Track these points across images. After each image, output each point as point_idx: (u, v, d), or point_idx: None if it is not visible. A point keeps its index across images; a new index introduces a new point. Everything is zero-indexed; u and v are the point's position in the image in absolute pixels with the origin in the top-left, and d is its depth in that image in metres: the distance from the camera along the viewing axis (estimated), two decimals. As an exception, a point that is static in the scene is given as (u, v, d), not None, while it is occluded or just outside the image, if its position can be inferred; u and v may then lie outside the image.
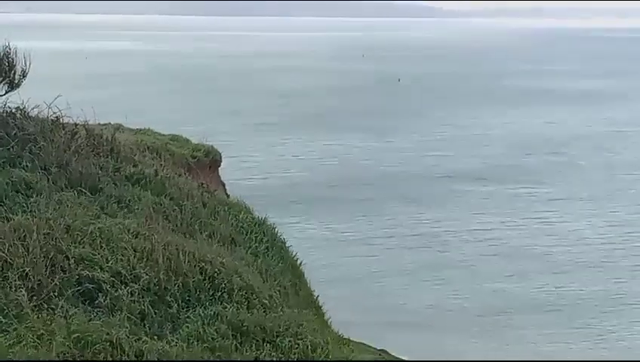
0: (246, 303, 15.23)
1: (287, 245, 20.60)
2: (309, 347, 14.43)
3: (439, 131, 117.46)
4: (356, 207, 75.73)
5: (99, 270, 14.86)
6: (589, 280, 58.56)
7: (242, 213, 20.56)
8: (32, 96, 19.91)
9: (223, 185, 27.72)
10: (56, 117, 19.92)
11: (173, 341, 13.77)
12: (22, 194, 17.07)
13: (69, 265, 14.82)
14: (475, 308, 53.43)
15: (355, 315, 44.36)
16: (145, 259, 15.48)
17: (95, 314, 13.94)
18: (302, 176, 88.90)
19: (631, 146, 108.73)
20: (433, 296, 55.15)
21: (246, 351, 13.95)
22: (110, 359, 12.96)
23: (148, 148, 22.98)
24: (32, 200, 16.75)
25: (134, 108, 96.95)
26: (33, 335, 13.05)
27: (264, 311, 15.11)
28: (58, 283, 14.36)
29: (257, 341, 14.27)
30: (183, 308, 14.78)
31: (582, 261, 62.69)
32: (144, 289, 14.79)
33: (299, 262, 20.28)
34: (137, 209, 17.73)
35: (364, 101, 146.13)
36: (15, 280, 14.10)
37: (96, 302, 14.34)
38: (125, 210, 17.62)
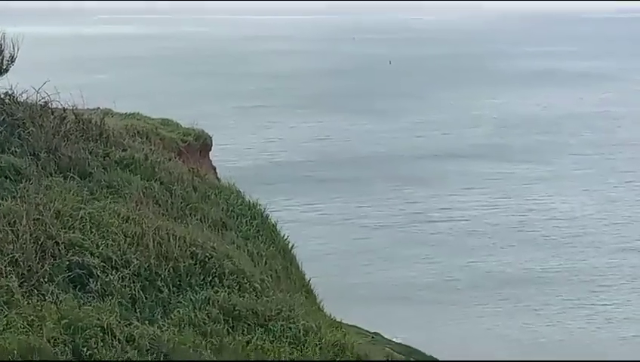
0: (237, 287, 15.18)
1: (277, 228, 20.53)
2: (301, 331, 14.40)
3: (430, 112, 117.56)
4: (344, 186, 76.07)
5: (89, 255, 14.80)
6: (576, 256, 59.19)
7: (233, 196, 20.47)
8: (20, 81, 19.78)
9: (214, 168, 27.60)
10: (45, 102, 19.76)
11: (164, 326, 13.74)
12: (11, 179, 16.96)
13: (59, 250, 14.75)
14: (464, 283, 53.93)
15: (341, 292, 44.44)
16: (135, 244, 15.42)
17: (86, 300, 13.89)
18: (291, 157, 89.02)
19: (622, 126, 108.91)
20: (418, 271, 55.69)
21: (238, 336, 13.91)
22: (101, 344, 12.92)
23: (138, 132, 22.84)
24: (21, 185, 16.64)
25: (124, 92, 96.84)
26: (23, 321, 13.00)
27: (256, 295, 15.08)
28: (48, 269, 14.30)
29: (249, 325, 14.24)
30: (174, 293, 14.73)
31: (568, 237, 63.27)
32: (135, 274, 14.74)
33: (290, 245, 20.22)
34: (127, 193, 17.63)
35: (355, 83, 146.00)
36: (5, 266, 14.03)
37: (87, 287, 14.29)
38: (115, 194, 17.52)
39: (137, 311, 14.10)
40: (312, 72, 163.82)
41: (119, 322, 13.33)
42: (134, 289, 14.41)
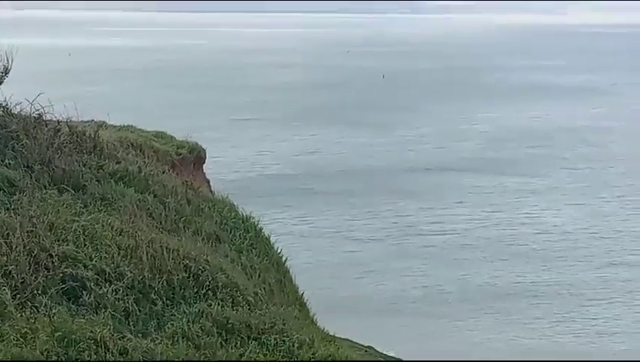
0: (231, 300, 15.19)
1: (271, 241, 20.53)
2: (295, 344, 14.40)
3: (424, 125, 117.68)
4: (337, 199, 76.06)
5: (83, 268, 14.80)
6: (567, 270, 59.34)
7: (226, 209, 20.48)
8: (14, 93, 19.77)
9: (208, 182, 27.58)
10: (39, 114, 19.77)
11: (157, 339, 13.73)
12: (4, 191, 16.96)
13: (53, 263, 14.75)
14: (455, 296, 54.00)
15: (332, 305, 44.46)
16: (129, 257, 15.43)
17: (79, 312, 13.88)
18: (284, 170, 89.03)
19: (615, 140, 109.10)
20: (410, 285, 55.71)
21: (231, 349, 13.91)
22: (95, 357, 12.90)
23: (131, 144, 22.83)
24: (14, 198, 16.64)
25: (118, 104, 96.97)
26: (17, 334, 12.99)
27: (249, 309, 15.07)
28: (42, 282, 14.30)
29: (242, 338, 14.25)
30: (167, 306, 14.74)
31: (559, 251, 63.44)
32: (128, 287, 14.74)
33: (284, 258, 20.22)
34: (121, 206, 17.64)
35: (348, 97, 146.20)
36: (-2, 279, 14.02)
37: (81, 300, 14.28)
38: (109, 207, 17.53)
39: (131, 324, 14.10)
40: (307, 85, 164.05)
41: (112, 335, 13.33)
42: (128, 302, 14.41)
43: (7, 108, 19.60)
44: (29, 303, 13.81)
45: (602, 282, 57.47)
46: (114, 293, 14.45)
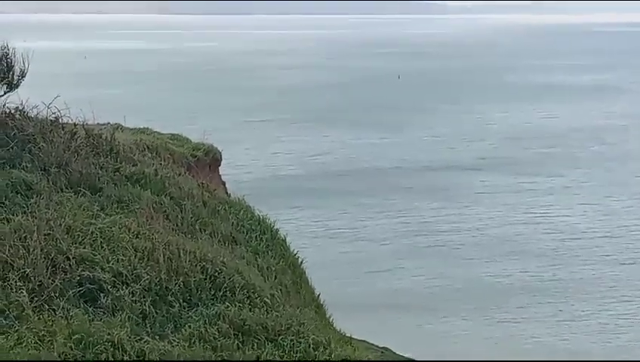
0: (247, 302, 15.20)
1: (287, 242, 20.55)
2: (311, 346, 14.42)
3: (437, 125, 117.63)
4: (350, 199, 76.12)
5: (100, 270, 14.85)
6: (583, 269, 59.27)
7: (242, 211, 20.51)
8: (30, 97, 19.88)
9: (224, 183, 27.62)
10: (56, 117, 19.86)
11: (175, 341, 13.77)
12: (22, 195, 17.04)
13: (70, 265, 14.81)
14: (468, 295, 54.00)
15: (349, 306, 44.52)
16: (146, 259, 15.47)
17: (96, 315, 13.93)
18: (297, 171, 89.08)
19: (630, 138, 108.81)
20: (422, 284, 55.74)
21: (248, 351, 13.94)
22: (112, 359, 12.95)
23: (147, 147, 22.83)
24: (32, 201, 16.72)
25: (134, 106, 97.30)
26: (34, 336, 13.06)
27: (266, 310, 15.09)
28: (59, 284, 14.36)
29: (259, 340, 14.26)
30: (184, 308, 14.77)
31: (573, 250, 63.30)
32: (145, 289, 14.78)
33: (300, 260, 20.24)
34: (138, 208, 17.68)
35: (363, 97, 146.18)
36: (16, 281, 14.10)
37: (98, 302, 14.33)
38: (125, 209, 17.58)
39: (148, 326, 14.13)
40: (320, 86, 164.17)
41: (130, 337, 13.37)
42: (145, 304, 14.45)
43: (24, 112, 19.70)
44: (46, 306, 13.87)
45: (616, 281, 57.34)
46: (131, 296, 14.49)
